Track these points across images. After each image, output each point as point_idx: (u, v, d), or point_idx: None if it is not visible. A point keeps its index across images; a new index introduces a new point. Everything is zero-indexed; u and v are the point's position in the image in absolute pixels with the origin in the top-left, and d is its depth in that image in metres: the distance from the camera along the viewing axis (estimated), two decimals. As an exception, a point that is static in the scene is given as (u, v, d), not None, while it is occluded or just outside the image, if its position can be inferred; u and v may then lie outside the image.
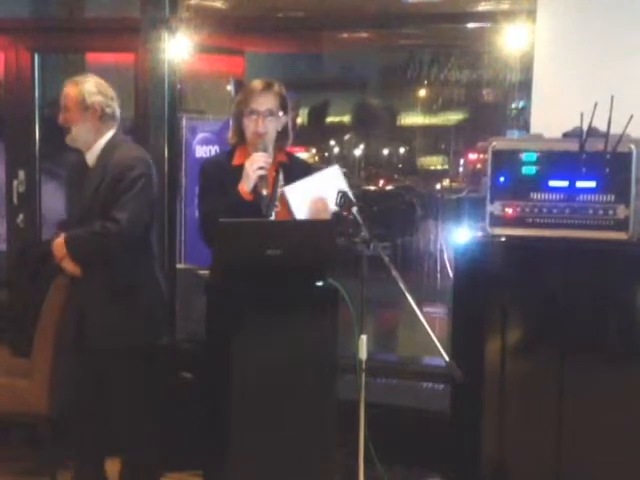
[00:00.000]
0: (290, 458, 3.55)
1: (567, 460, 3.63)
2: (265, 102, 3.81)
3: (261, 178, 3.71)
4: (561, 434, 3.62)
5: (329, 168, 3.79)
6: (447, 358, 3.26)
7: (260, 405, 3.52)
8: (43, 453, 4.56)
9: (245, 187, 3.72)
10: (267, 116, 3.81)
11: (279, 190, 3.74)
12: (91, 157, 4.00)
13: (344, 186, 3.64)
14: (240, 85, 4.08)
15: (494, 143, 3.69)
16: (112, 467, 4.26)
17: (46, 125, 5.75)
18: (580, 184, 3.58)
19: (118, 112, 4.09)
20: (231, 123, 3.97)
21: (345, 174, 3.75)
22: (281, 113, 3.85)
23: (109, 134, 4.02)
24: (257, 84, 3.85)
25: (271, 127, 3.83)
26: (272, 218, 3.71)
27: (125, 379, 4.02)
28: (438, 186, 10.86)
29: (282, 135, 3.91)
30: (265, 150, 3.77)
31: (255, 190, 3.72)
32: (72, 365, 4.07)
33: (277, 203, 3.72)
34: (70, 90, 4.01)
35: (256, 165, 3.71)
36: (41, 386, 4.42)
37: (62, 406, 4.38)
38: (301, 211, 3.72)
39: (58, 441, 4.47)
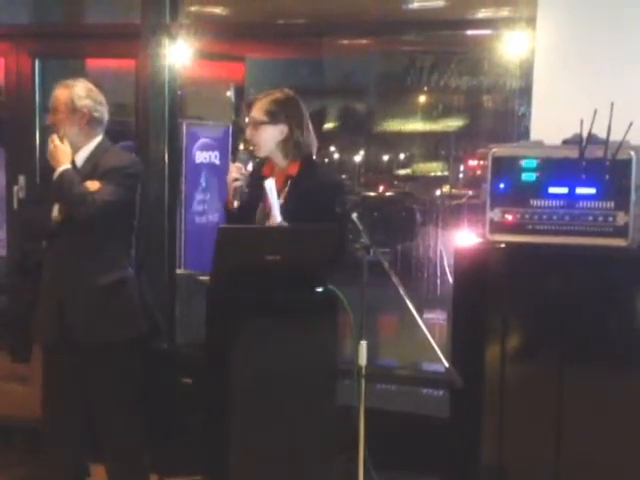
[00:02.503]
0: (290, 463, 3.55)
1: (567, 466, 3.63)
2: (255, 111, 3.79)
3: (236, 189, 3.74)
4: (561, 440, 3.62)
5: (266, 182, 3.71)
6: (447, 364, 3.27)
7: (259, 411, 3.51)
8: (42, 458, 4.56)
9: (228, 198, 3.78)
10: (252, 125, 3.78)
11: (272, 202, 3.68)
12: (79, 159, 4.04)
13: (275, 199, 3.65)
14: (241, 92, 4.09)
15: (494, 149, 3.69)
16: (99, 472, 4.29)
17: (46, 131, 5.76)
18: (580, 191, 3.58)
19: (106, 117, 4.13)
20: None
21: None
22: (270, 122, 3.76)
23: (98, 138, 4.09)
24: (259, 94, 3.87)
25: (264, 136, 3.76)
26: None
27: (106, 378, 4.04)
28: (438, 192, 10.88)
29: (285, 145, 3.78)
30: (246, 161, 3.80)
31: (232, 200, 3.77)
32: (51, 364, 4.08)
33: (274, 213, 3.70)
34: (59, 93, 4.05)
35: (230, 177, 3.76)
36: (40, 392, 4.42)
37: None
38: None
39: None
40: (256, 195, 3.77)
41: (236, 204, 3.73)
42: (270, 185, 3.66)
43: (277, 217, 3.64)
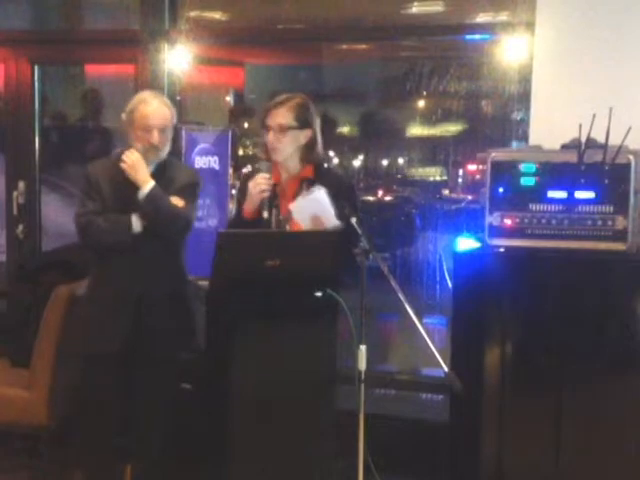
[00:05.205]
0: (290, 468, 3.55)
1: (566, 470, 3.63)
2: (275, 117, 3.75)
3: (263, 200, 3.71)
4: (560, 445, 3.63)
5: (319, 191, 3.63)
6: (446, 369, 3.27)
7: (259, 416, 3.52)
8: (43, 464, 4.57)
9: (248, 207, 3.74)
10: (278, 131, 3.74)
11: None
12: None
13: (330, 208, 3.59)
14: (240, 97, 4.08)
15: (493, 154, 3.70)
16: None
17: (46, 136, 5.77)
18: (579, 195, 3.59)
19: None
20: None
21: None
22: (298, 127, 3.75)
23: None
24: (273, 100, 3.82)
25: (285, 142, 3.75)
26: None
27: (164, 380, 4.07)
28: (437, 197, 10.87)
29: (306, 149, 3.79)
30: (268, 171, 3.74)
31: (258, 211, 3.73)
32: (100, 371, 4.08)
33: (293, 217, 3.68)
34: (166, 111, 3.99)
35: (259, 188, 3.70)
36: (41, 397, 4.43)
37: (69, 412, 4.39)
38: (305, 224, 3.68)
39: (58, 451, 4.47)
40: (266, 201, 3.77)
41: (265, 214, 3.71)
42: (323, 195, 3.61)
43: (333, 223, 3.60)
